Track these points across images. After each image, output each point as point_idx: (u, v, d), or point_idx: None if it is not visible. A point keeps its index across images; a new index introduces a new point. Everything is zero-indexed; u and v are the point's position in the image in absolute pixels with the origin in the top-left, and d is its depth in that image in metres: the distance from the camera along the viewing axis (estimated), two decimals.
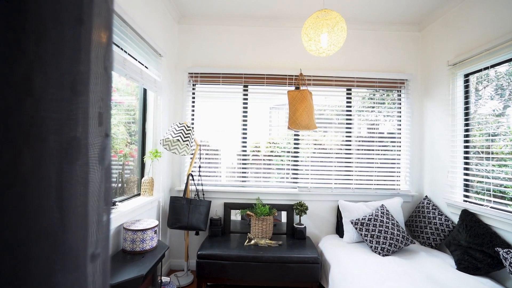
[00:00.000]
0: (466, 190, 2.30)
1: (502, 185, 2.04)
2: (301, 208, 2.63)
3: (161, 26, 2.46)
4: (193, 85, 2.92)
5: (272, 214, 2.57)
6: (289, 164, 2.90)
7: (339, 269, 2.07)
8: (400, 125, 2.92)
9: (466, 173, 2.31)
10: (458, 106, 2.36)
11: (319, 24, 1.67)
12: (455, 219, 2.33)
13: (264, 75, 2.85)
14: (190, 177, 2.61)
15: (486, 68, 2.10)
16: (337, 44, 1.74)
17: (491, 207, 1.98)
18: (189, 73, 2.86)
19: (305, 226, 2.63)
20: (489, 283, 1.76)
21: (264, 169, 2.92)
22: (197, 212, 2.46)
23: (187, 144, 2.27)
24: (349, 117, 2.91)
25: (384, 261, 2.06)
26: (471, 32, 2.21)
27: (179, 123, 2.33)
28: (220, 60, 2.89)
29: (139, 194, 2.33)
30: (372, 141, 2.91)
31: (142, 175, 2.42)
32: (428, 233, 2.45)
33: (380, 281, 1.78)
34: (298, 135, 2.90)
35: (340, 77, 2.85)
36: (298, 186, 2.85)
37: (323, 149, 2.91)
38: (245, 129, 2.91)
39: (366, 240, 2.31)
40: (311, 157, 2.89)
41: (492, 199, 2.00)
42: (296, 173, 2.88)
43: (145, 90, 2.45)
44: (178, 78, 2.88)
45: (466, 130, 2.32)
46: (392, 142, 2.92)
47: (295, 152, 2.90)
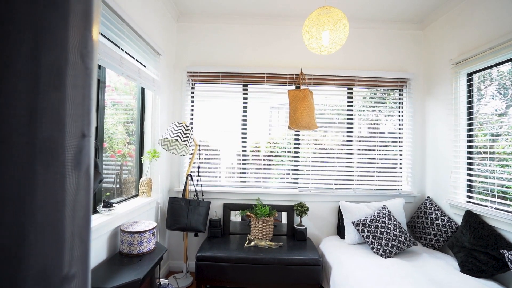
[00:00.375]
0: (469, 191, 2.26)
1: (503, 186, 2.00)
2: (302, 209, 2.59)
3: (159, 24, 2.42)
4: (192, 84, 2.88)
5: (273, 215, 2.53)
6: (289, 165, 2.86)
7: (340, 271, 2.04)
8: (401, 124, 2.88)
9: (469, 174, 2.27)
10: (461, 105, 2.32)
11: (321, 22, 1.63)
12: (458, 220, 2.30)
13: (264, 74, 2.81)
14: (189, 178, 2.57)
15: (490, 67, 2.06)
16: (339, 42, 1.70)
17: (495, 208, 1.94)
18: (188, 72, 2.82)
19: (305, 227, 2.59)
20: (494, 286, 1.72)
21: (264, 169, 2.89)
22: (196, 213, 2.42)
23: (186, 144, 2.23)
24: (350, 117, 2.87)
25: (386, 263, 2.03)
26: (475, 30, 2.17)
27: (178, 123, 2.29)
28: (219, 58, 2.85)
29: (137, 195, 2.29)
30: (374, 141, 2.87)
31: (140, 176, 2.39)
32: (431, 234, 2.41)
33: (382, 284, 1.75)
34: (298, 135, 2.86)
35: (341, 76, 2.81)
36: (299, 187, 2.81)
37: (323, 149, 2.87)
38: (245, 129, 2.87)
39: (368, 241, 2.27)
40: (311, 157, 2.85)
41: (497, 200, 1.97)
42: (297, 174, 2.85)
43: (143, 89, 2.41)
44: (177, 77, 2.84)
45: (470, 130, 2.28)
46: (393, 142, 2.89)
47: (295, 152, 2.86)
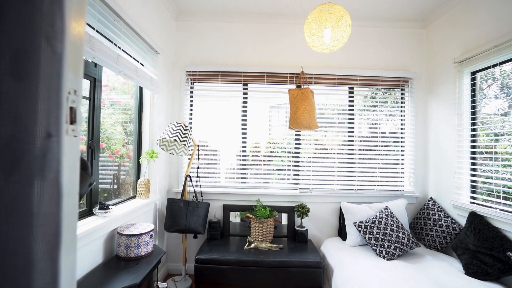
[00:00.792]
0: (473, 192, 2.23)
1: (506, 186, 1.97)
2: (303, 210, 2.55)
3: (158, 22, 2.38)
4: (191, 83, 2.83)
5: (273, 216, 2.49)
6: (290, 165, 2.82)
7: (342, 274, 2.00)
8: (403, 124, 2.85)
9: (473, 174, 2.23)
10: (465, 105, 2.29)
11: (323, 19, 1.59)
12: (462, 221, 2.26)
13: (264, 73, 2.77)
14: (188, 179, 2.53)
15: (495, 65, 2.02)
16: (341, 40, 1.66)
17: (500, 209, 1.90)
18: (187, 71, 2.78)
19: (306, 229, 2.55)
20: None
21: (264, 170, 2.84)
22: (195, 215, 2.38)
23: (185, 145, 2.19)
24: (351, 117, 2.83)
25: (389, 266, 1.99)
26: (479, 28, 2.14)
27: (177, 123, 2.24)
28: (219, 57, 2.81)
29: (135, 196, 2.24)
30: (375, 141, 2.84)
31: (138, 177, 2.34)
32: (434, 235, 2.37)
33: (386, 287, 1.71)
34: (299, 135, 2.82)
35: (342, 75, 2.77)
36: (299, 187, 2.77)
37: (324, 149, 2.83)
38: (245, 128, 2.83)
39: (370, 243, 2.23)
40: (312, 157, 2.81)
41: (502, 201, 1.93)
42: (297, 174, 2.81)
43: (141, 88, 2.37)
44: (175, 76, 2.80)
45: (473, 129, 2.24)
46: (395, 141, 2.85)
47: (296, 153, 2.82)
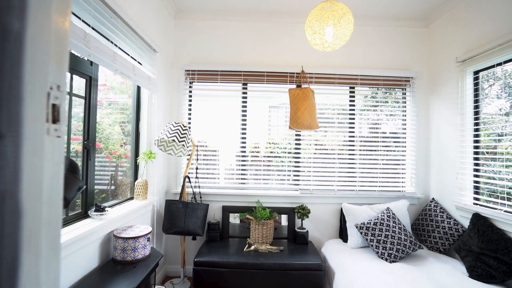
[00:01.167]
0: (476, 193, 2.19)
1: (507, 187, 1.94)
2: (303, 212, 2.51)
3: (156, 20, 2.34)
4: (190, 82, 2.79)
5: (273, 218, 2.45)
6: (290, 165, 2.78)
7: (344, 277, 1.96)
8: (405, 124, 2.81)
9: (476, 175, 2.20)
10: (468, 104, 2.25)
11: (324, 16, 1.55)
12: (465, 222, 2.23)
13: (264, 72, 2.73)
14: (187, 179, 2.48)
15: (499, 64, 1.99)
16: (343, 38, 1.62)
17: (505, 210, 1.87)
18: (185, 70, 2.74)
19: (307, 231, 2.51)
20: None
21: (264, 170, 2.81)
22: (194, 216, 2.33)
23: (183, 145, 2.15)
24: (352, 116, 2.80)
25: (391, 268, 1.95)
26: (482, 26, 2.10)
27: (175, 123, 2.20)
28: (218, 56, 2.77)
29: (133, 198, 2.20)
30: (376, 141, 2.80)
31: (136, 178, 2.30)
32: (436, 237, 2.34)
33: None
34: (299, 135, 2.78)
35: (343, 74, 2.74)
36: (300, 188, 2.73)
37: (325, 149, 2.80)
38: (244, 129, 2.79)
39: (372, 245, 2.20)
40: (312, 158, 2.77)
41: (506, 202, 1.90)
42: (298, 175, 2.77)
43: (139, 88, 2.32)
44: (174, 75, 2.76)
45: (476, 129, 2.21)
46: (396, 142, 2.82)
47: (296, 153, 2.78)
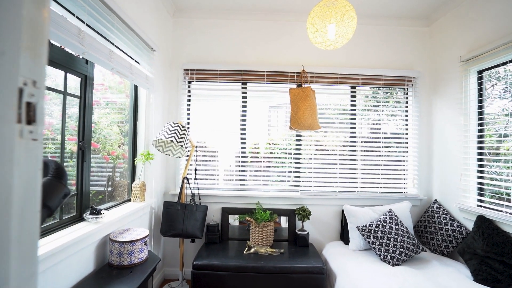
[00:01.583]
0: (480, 194, 2.15)
1: (509, 188, 1.90)
2: (304, 214, 2.47)
3: (154, 19, 2.29)
4: (189, 82, 2.74)
5: (273, 220, 2.41)
6: (290, 166, 2.74)
7: (346, 280, 1.92)
8: (407, 124, 2.77)
9: (480, 176, 2.16)
10: (472, 104, 2.21)
11: (327, 14, 1.51)
12: (469, 225, 2.19)
13: (264, 72, 2.69)
14: (185, 181, 2.44)
15: (504, 64, 1.95)
16: (345, 36, 1.58)
17: (510, 213, 1.83)
18: (184, 70, 2.69)
19: (308, 233, 2.47)
20: None
21: (264, 171, 2.76)
22: (193, 218, 2.29)
23: (182, 146, 2.10)
24: (353, 117, 2.76)
25: (394, 272, 1.91)
26: (486, 25, 2.06)
27: (173, 123, 2.16)
28: (217, 56, 2.72)
29: (130, 200, 2.15)
30: (378, 142, 2.76)
31: (133, 179, 2.25)
32: (439, 239, 2.30)
33: None
34: (300, 135, 2.74)
35: (344, 74, 2.70)
36: (300, 190, 2.68)
37: (325, 150, 2.75)
38: (244, 129, 2.74)
39: (374, 248, 2.16)
40: (313, 158, 2.73)
41: None
42: (298, 176, 2.72)
43: (136, 87, 2.27)
44: (172, 74, 2.71)
45: (480, 130, 2.17)
46: (398, 142, 2.78)
47: (296, 154, 2.74)
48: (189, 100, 2.74)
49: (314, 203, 2.66)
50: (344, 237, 2.52)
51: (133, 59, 1.97)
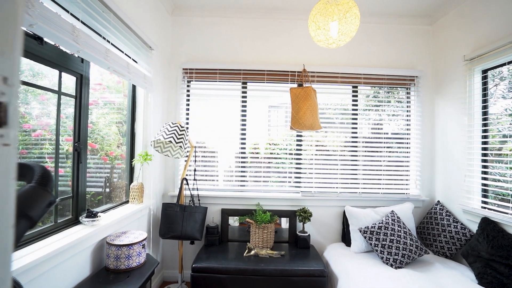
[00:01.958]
0: (484, 196, 2.12)
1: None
2: (305, 215, 2.43)
3: (152, 17, 2.25)
4: (188, 81, 2.70)
5: (274, 221, 2.37)
6: (291, 167, 2.70)
7: (348, 283, 1.88)
8: (409, 124, 2.73)
9: (484, 177, 2.12)
10: (476, 104, 2.17)
11: (329, 11, 1.47)
12: (472, 227, 2.15)
13: (264, 71, 2.65)
14: (185, 182, 2.40)
15: (510, 62, 1.91)
16: (348, 34, 1.54)
17: None
18: (183, 69, 2.65)
19: (309, 234, 2.43)
20: None
21: (265, 172, 2.72)
22: (192, 220, 2.25)
23: (181, 146, 2.06)
24: (355, 116, 2.72)
25: (397, 275, 1.87)
26: (491, 23, 2.02)
27: (172, 123, 2.12)
28: (217, 55, 2.68)
29: (128, 201, 2.11)
30: (379, 142, 2.72)
31: (131, 181, 2.21)
32: (442, 241, 2.26)
33: None
34: (301, 136, 2.70)
35: (345, 73, 2.65)
36: (301, 191, 2.65)
37: (326, 150, 2.72)
38: (244, 129, 2.70)
39: (377, 250, 2.12)
40: (314, 159, 2.69)
41: None
42: (299, 177, 2.68)
43: (134, 87, 2.23)
44: (171, 74, 2.67)
45: (485, 130, 2.13)
46: (400, 143, 2.74)
47: (297, 154, 2.70)
48: (188, 100, 2.70)
49: (315, 204, 2.62)
50: (346, 238, 2.48)
51: (130, 58, 1.93)
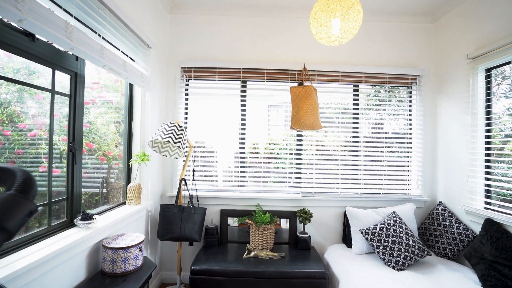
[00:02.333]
0: (487, 197, 2.08)
1: None
2: (305, 216, 2.40)
3: (149, 14, 2.20)
4: (187, 80, 2.66)
5: (274, 222, 2.33)
6: (291, 167, 2.66)
7: (349, 286, 1.85)
8: (410, 124, 2.70)
9: (487, 178, 2.09)
10: (479, 104, 2.14)
11: (331, 7, 1.43)
12: (475, 228, 2.12)
13: (264, 69, 2.60)
14: (183, 182, 2.36)
15: None
16: (351, 31, 1.50)
17: None
18: (182, 68, 2.60)
19: (309, 235, 2.40)
20: None
21: (264, 172, 2.68)
22: (191, 221, 2.21)
23: (179, 146, 2.02)
24: (356, 116, 2.68)
25: (399, 277, 1.84)
26: (495, 21, 1.99)
27: (170, 123, 2.07)
28: (216, 53, 2.64)
29: (125, 203, 2.07)
30: (381, 142, 2.69)
31: (128, 181, 2.16)
32: (445, 242, 2.23)
33: None
34: (301, 135, 2.66)
35: (347, 72, 2.61)
36: (302, 191, 2.61)
37: (327, 150, 2.68)
38: (244, 128, 2.66)
39: (378, 251, 2.09)
40: (315, 159, 2.65)
41: None
42: (299, 177, 2.65)
43: (131, 86, 2.18)
44: (169, 72, 2.62)
45: (488, 130, 2.10)
46: (402, 143, 2.70)
47: (297, 154, 2.66)
48: (186, 99, 2.65)
49: (315, 204, 2.59)
50: (347, 240, 2.45)
51: (127, 55, 1.89)
